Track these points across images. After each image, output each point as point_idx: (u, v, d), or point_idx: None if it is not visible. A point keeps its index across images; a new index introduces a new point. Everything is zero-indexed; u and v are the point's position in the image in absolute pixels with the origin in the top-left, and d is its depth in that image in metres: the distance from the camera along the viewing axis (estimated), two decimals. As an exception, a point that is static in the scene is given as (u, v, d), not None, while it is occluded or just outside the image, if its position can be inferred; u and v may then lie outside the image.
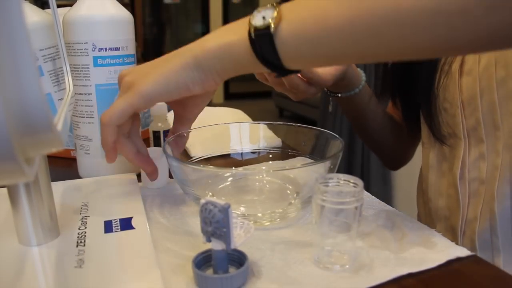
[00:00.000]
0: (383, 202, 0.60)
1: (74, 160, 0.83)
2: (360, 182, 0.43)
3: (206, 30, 5.63)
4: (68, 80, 0.57)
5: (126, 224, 0.50)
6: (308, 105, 4.35)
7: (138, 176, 0.67)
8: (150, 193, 0.64)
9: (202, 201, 0.40)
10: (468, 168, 0.68)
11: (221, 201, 0.39)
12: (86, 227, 0.49)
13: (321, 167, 0.52)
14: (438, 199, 0.73)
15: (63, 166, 0.82)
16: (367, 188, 0.44)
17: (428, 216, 0.77)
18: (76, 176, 0.77)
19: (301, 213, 0.56)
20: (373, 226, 0.53)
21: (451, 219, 0.71)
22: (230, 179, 0.64)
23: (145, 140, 0.95)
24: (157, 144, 0.78)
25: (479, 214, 0.66)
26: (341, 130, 2.43)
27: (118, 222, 0.50)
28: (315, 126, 0.66)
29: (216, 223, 0.39)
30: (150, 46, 5.65)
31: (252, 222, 0.53)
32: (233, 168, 0.69)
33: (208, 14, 5.54)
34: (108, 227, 0.49)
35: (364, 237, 0.50)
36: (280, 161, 0.70)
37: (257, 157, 0.73)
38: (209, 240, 0.41)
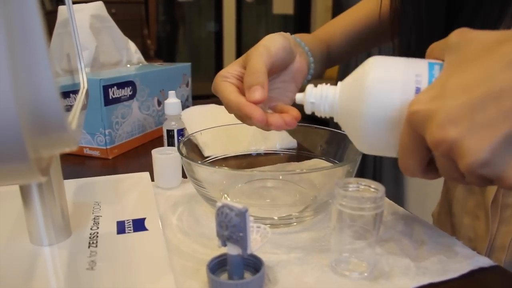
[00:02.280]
0: (401, 208, 0.59)
1: (87, 157, 0.83)
2: (381, 188, 0.42)
3: (219, 29, 5.62)
4: (83, 77, 0.56)
5: (139, 225, 0.48)
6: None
7: (151, 175, 0.66)
8: (163, 192, 0.63)
9: (219, 204, 0.39)
10: (503, 193, 0.62)
11: (238, 205, 0.38)
12: (98, 228, 0.48)
13: (339, 171, 0.50)
14: (463, 216, 0.69)
15: (76, 163, 0.81)
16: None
17: (450, 228, 0.74)
18: (89, 174, 0.76)
19: (318, 217, 0.55)
20: (392, 232, 0.52)
21: (476, 241, 0.66)
22: (245, 180, 0.62)
23: (158, 139, 0.94)
24: (171, 143, 0.77)
25: (508, 244, 0.61)
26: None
27: (131, 223, 0.49)
28: (327, 125, 0.64)
29: (232, 228, 0.38)
30: (163, 44, 5.65)
31: (268, 225, 0.52)
32: (249, 169, 0.67)
33: (222, 12, 5.52)
34: (120, 228, 0.48)
35: (383, 243, 0.49)
36: (296, 163, 0.69)
37: (272, 158, 0.71)
38: (224, 245, 0.40)
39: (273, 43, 0.55)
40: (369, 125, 0.42)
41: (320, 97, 0.47)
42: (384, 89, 0.41)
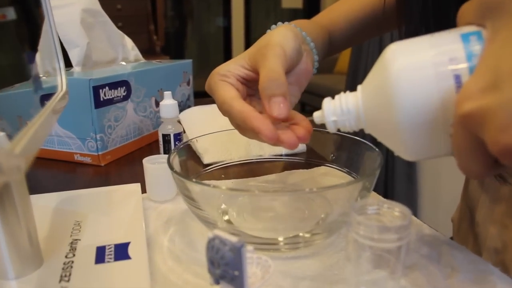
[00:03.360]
0: (425, 224, 0.51)
1: (78, 164, 0.76)
2: (407, 212, 0.34)
3: (227, 24, 5.54)
4: (61, 79, 0.50)
5: (121, 252, 0.42)
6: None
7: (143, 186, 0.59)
8: (155, 207, 0.56)
9: (209, 235, 0.32)
10: None
11: (232, 238, 0.31)
12: (74, 255, 0.41)
13: (355, 187, 0.43)
14: (489, 226, 0.62)
15: (66, 171, 0.75)
16: (392, 186, 0.37)
17: (473, 238, 0.67)
18: (79, 182, 0.69)
19: (330, 238, 0.48)
20: (416, 256, 0.44)
21: (505, 252, 0.59)
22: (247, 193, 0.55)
23: (157, 142, 0.87)
24: (167, 149, 0.71)
25: None
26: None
27: (113, 249, 0.42)
28: None
29: (225, 266, 0.31)
30: (171, 39, 5.60)
31: (272, 250, 0.45)
32: (252, 179, 0.61)
33: (230, 7, 5.45)
34: (100, 255, 0.41)
35: (407, 272, 0.42)
36: (305, 170, 0.62)
37: (278, 165, 0.64)
38: (217, 283, 0.33)
39: (287, 43, 0.47)
40: (406, 129, 0.35)
41: (341, 112, 0.39)
42: (414, 80, 0.33)
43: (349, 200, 0.44)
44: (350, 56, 2.55)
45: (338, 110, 0.40)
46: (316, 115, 0.42)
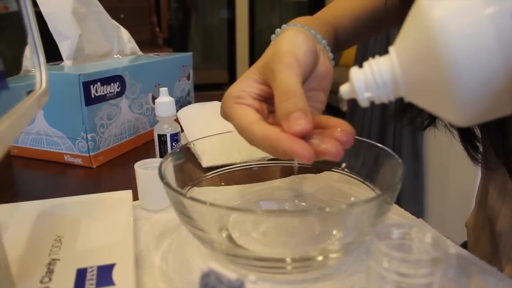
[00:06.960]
0: (449, 240, 0.46)
1: (68, 165, 0.71)
2: (441, 240, 0.29)
3: (232, 16, 5.47)
4: (41, 76, 0.44)
5: (104, 275, 0.36)
6: (336, 93, 4.17)
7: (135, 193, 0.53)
8: (148, 217, 0.51)
9: (203, 269, 0.26)
10: None
11: (230, 273, 0.25)
12: (51, 279, 0.36)
13: (375, 204, 0.37)
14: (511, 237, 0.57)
15: (56, 172, 0.69)
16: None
17: (492, 250, 0.61)
18: (69, 185, 0.64)
19: (343, 258, 0.42)
20: (444, 281, 0.39)
21: None
22: (250, 203, 0.50)
23: (151, 142, 0.82)
24: (163, 150, 0.65)
25: None
26: (372, 120, 2.27)
27: (95, 271, 0.37)
28: (344, 116, 0.51)
29: (221, 308, 0.25)
30: (175, 31, 5.54)
31: (278, 273, 0.39)
32: (257, 185, 0.55)
33: (234, -1, 5.41)
34: (80, 280, 0.36)
35: (434, 301, 0.36)
36: (313, 175, 0.56)
37: (284, 169, 0.59)
38: (212, 323, 0.27)
39: (299, 48, 0.41)
40: (460, 88, 0.29)
41: (375, 86, 0.33)
42: (464, 27, 0.27)
43: (367, 215, 0.38)
44: (356, 48, 2.49)
45: (372, 83, 0.33)
46: (344, 90, 0.36)
